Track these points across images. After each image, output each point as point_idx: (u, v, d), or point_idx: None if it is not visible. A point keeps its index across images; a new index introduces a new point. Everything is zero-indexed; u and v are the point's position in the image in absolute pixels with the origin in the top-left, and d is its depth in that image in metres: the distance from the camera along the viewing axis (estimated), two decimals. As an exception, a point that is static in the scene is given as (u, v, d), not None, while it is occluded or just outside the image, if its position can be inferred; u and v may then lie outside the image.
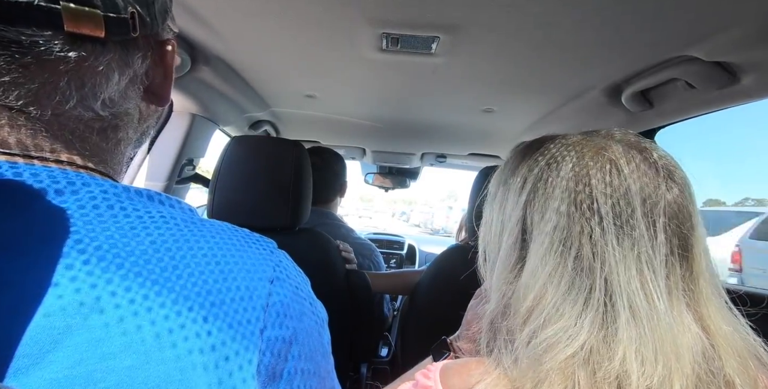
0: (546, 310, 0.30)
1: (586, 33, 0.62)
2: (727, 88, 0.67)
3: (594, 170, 0.31)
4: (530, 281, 0.31)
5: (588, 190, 0.31)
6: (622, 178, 0.31)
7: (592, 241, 0.30)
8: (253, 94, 1.11)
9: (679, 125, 0.89)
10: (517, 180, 0.36)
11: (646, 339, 0.28)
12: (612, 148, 0.33)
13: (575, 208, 0.31)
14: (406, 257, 2.17)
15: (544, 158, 0.35)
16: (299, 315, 0.25)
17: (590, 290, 0.30)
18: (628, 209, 0.30)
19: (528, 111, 1.09)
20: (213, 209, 0.77)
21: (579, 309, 0.29)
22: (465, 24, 0.63)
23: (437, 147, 1.68)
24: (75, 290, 0.18)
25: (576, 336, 0.28)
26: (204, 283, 0.21)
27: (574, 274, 0.30)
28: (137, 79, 0.26)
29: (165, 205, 0.25)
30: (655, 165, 0.32)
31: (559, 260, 0.31)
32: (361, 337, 0.91)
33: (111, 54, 0.23)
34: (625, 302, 0.28)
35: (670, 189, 0.31)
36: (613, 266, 0.29)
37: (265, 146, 0.82)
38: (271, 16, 0.65)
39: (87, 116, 0.23)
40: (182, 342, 0.20)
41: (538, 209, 0.33)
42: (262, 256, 0.26)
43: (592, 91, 0.86)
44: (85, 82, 0.22)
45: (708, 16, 0.54)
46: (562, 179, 0.32)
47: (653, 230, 0.30)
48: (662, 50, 0.66)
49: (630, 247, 0.30)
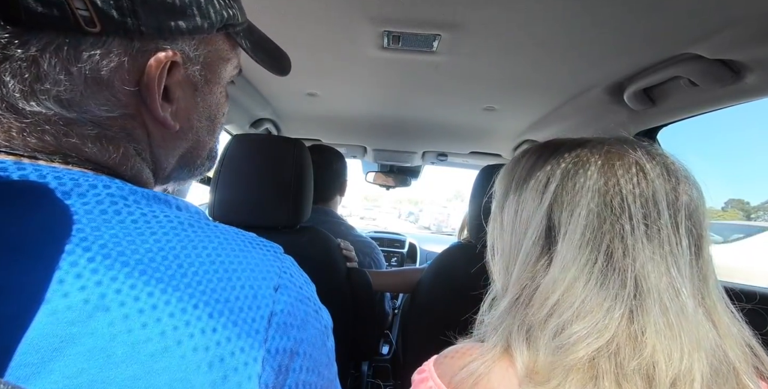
0: (575, 304, 0.31)
1: (589, 31, 0.62)
2: (730, 86, 0.66)
3: (621, 171, 0.33)
4: (559, 276, 0.32)
5: (617, 189, 0.32)
6: (648, 180, 0.32)
7: (623, 238, 0.31)
8: (255, 93, 1.11)
9: (689, 122, 0.89)
10: (540, 178, 0.37)
11: (674, 334, 0.29)
12: (635, 153, 0.34)
13: (605, 206, 0.32)
14: (407, 255, 2.17)
15: (570, 157, 0.36)
16: (304, 321, 0.25)
17: (621, 286, 0.31)
18: (655, 210, 0.31)
19: (529, 109, 1.09)
20: (214, 207, 0.77)
21: (608, 304, 0.31)
22: (467, 22, 0.62)
23: (438, 145, 1.68)
24: (80, 288, 0.18)
25: (604, 330, 0.30)
26: (209, 282, 0.21)
27: (605, 270, 0.31)
28: (107, 83, 0.23)
29: (172, 207, 0.25)
30: (673, 171, 0.34)
31: (589, 256, 0.32)
32: (362, 335, 0.91)
33: (44, 43, 0.20)
34: (656, 298, 0.30)
35: (687, 193, 0.33)
36: (645, 264, 0.31)
37: (266, 145, 0.82)
38: (273, 14, 0.65)
39: (66, 116, 0.22)
40: (188, 339, 0.20)
41: (567, 206, 0.34)
42: (268, 260, 0.25)
43: (594, 89, 0.86)
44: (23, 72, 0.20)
45: (711, 14, 0.53)
46: (590, 179, 0.33)
47: (678, 232, 0.31)
48: (665, 48, 0.65)
49: (659, 246, 0.31)
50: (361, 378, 1.33)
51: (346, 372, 0.98)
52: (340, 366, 0.31)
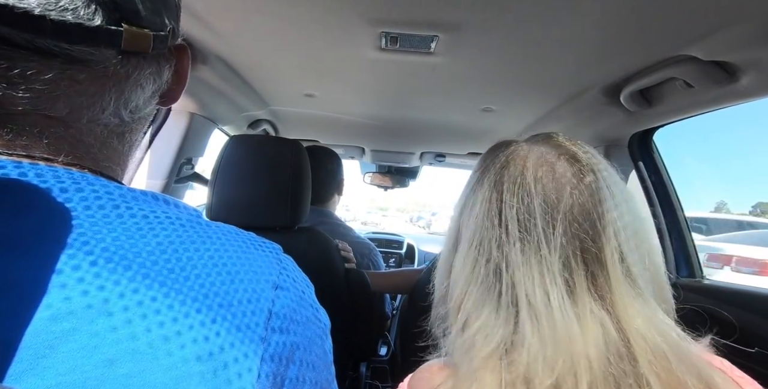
0: (468, 309, 0.32)
1: (585, 32, 0.62)
2: (725, 87, 0.67)
3: (506, 179, 0.35)
4: (454, 282, 0.35)
5: (498, 201, 0.34)
6: (526, 187, 0.33)
7: (499, 247, 0.33)
8: (252, 94, 1.11)
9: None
10: (464, 188, 0.40)
11: (545, 337, 0.29)
12: (532, 155, 0.35)
13: (487, 217, 0.34)
14: (405, 256, 2.17)
15: (482, 165, 0.38)
16: (303, 321, 0.25)
17: (499, 293, 0.32)
18: (530, 216, 0.32)
19: (527, 110, 1.09)
20: (212, 208, 0.77)
21: (493, 309, 0.32)
22: (464, 23, 0.63)
23: (436, 146, 1.68)
24: (83, 293, 0.18)
25: (492, 335, 0.30)
26: (211, 285, 0.21)
27: (485, 277, 0.33)
28: (161, 86, 0.27)
29: (170, 205, 0.25)
30: (569, 170, 0.34)
31: (474, 263, 0.34)
32: (360, 336, 0.91)
33: (150, 68, 0.25)
34: (525, 303, 0.31)
35: (574, 194, 0.32)
36: (515, 270, 0.32)
37: (264, 146, 0.82)
38: (271, 15, 0.65)
39: (114, 122, 0.25)
40: (191, 343, 0.19)
41: (466, 215, 0.37)
42: (268, 260, 0.26)
43: (591, 90, 0.86)
44: (124, 95, 0.24)
45: (706, 15, 0.54)
46: (484, 189, 0.36)
47: (552, 235, 0.32)
48: (661, 50, 0.66)
49: (531, 251, 0.32)
50: (359, 379, 1.32)
51: (344, 372, 0.98)
52: (337, 367, 0.31)
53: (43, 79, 0.20)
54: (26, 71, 0.20)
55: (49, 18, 0.18)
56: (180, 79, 0.29)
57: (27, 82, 0.20)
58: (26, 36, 0.19)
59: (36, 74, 0.20)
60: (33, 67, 0.20)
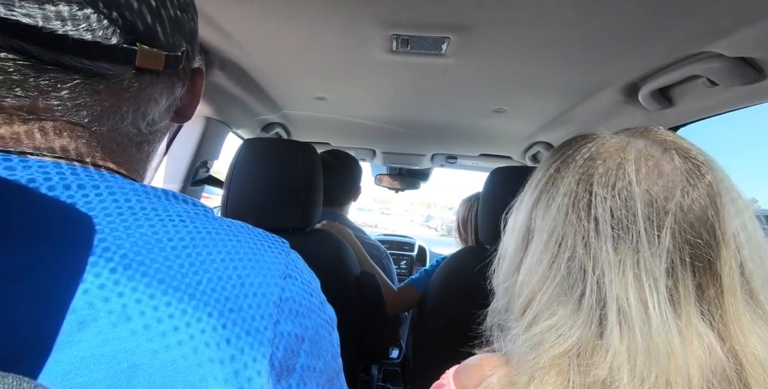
0: (539, 307, 0.31)
1: (602, 29, 0.61)
2: (753, 84, 0.64)
3: (599, 173, 0.31)
4: (525, 279, 0.32)
5: (588, 193, 0.31)
6: (626, 181, 0.30)
7: (586, 244, 0.30)
8: (265, 97, 1.13)
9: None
10: (536, 177, 0.36)
11: (636, 347, 0.27)
12: (630, 148, 0.31)
13: (573, 211, 0.31)
14: (416, 258, 2.15)
15: (560, 158, 0.34)
16: (310, 312, 0.27)
17: (582, 293, 0.30)
18: (629, 213, 0.29)
19: (541, 111, 1.07)
20: (227, 210, 0.79)
21: (571, 309, 0.30)
22: (476, 24, 0.62)
23: (448, 148, 1.67)
24: (104, 299, 0.20)
25: (567, 336, 0.29)
26: (222, 289, 0.23)
27: (566, 275, 0.30)
28: (174, 102, 0.30)
29: (189, 204, 0.27)
30: (680, 167, 0.30)
31: (553, 260, 0.31)
32: (371, 339, 0.91)
33: (162, 84, 0.28)
34: (615, 307, 0.28)
35: (688, 194, 0.29)
36: (606, 271, 0.29)
37: (277, 149, 0.83)
38: (283, 20, 0.66)
39: (133, 132, 0.27)
40: (204, 347, 0.21)
41: (542, 210, 0.34)
42: (276, 255, 0.27)
43: (608, 89, 0.84)
44: (140, 107, 0.27)
45: (731, 10, 0.51)
46: (567, 181, 0.32)
47: (656, 238, 0.28)
48: (682, 47, 0.63)
49: (627, 252, 0.29)
50: (371, 381, 1.32)
51: (356, 375, 0.98)
52: (349, 368, 0.31)
53: (67, 89, 0.23)
54: (53, 82, 0.22)
55: (71, 37, 0.21)
56: (193, 98, 0.32)
57: (54, 91, 0.22)
58: (52, 54, 0.21)
59: (61, 84, 0.22)
60: (58, 79, 0.22)
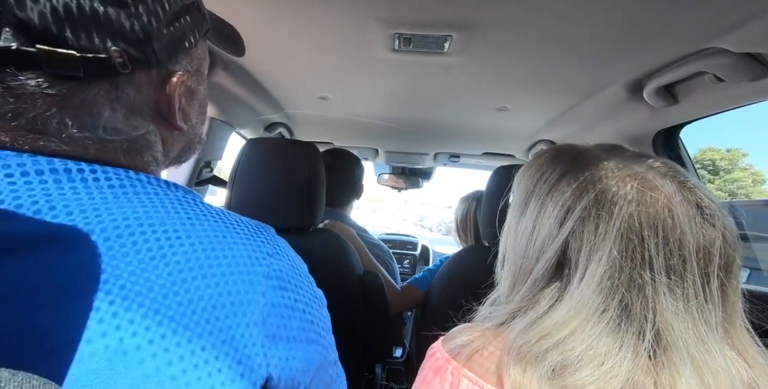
0: (580, 348, 0.30)
1: (606, 26, 0.60)
2: (759, 80, 0.63)
3: (646, 217, 0.31)
4: (566, 318, 0.31)
5: (640, 239, 0.30)
6: (675, 227, 0.30)
7: (642, 291, 0.30)
8: (268, 97, 1.13)
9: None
10: (561, 204, 0.35)
11: (706, 385, 0.28)
12: (664, 187, 0.32)
13: (626, 256, 0.31)
14: (419, 257, 2.15)
15: (594, 190, 0.33)
16: (298, 285, 0.28)
17: (637, 336, 0.30)
18: (682, 261, 0.30)
19: (544, 109, 1.06)
20: (230, 209, 0.79)
21: (620, 353, 0.29)
22: (478, 22, 0.62)
23: (450, 147, 1.67)
24: (102, 334, 0.20)
25: (614, 378, 0.29)
26: (216, 320, 0.23)
27: (618, 319, 0.30)
28: (137, 109, 0.27)
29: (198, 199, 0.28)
30: (700, 208, 0.31)
31: (604, 303, 0.31)
32: (374, 338, 0.91)
33: (95, 90, 0.24)
34: (683, 352, 0.29)
35: (715, 234, 0.31)
36: (668, 318, 0.29)
37: (280, 148, 0.83)
38: (286, 20, 0.66)
39: (105, 138, 0.26)
40: (195, 382, 0.21)
41: (586, 246, 0.32)
42: (262, 245, 0.28)
43: (612, 86, 0.83)
44: (78, 114, 0.24)
45: (738, 5, 0.51)
46: (614, 221, 0.31)
47: (707, 283, 0.30)
48: (688, 43, 0.63)
49: (683, 298, 0.30)
50: (374, 380, 1.32)
51: (360, 374, 0.98)
52: (353, 367, 0.32)
53: None
54: None
55: None
56: (168, 107, 0.29)
57: None
58: None
59: None
60: None
